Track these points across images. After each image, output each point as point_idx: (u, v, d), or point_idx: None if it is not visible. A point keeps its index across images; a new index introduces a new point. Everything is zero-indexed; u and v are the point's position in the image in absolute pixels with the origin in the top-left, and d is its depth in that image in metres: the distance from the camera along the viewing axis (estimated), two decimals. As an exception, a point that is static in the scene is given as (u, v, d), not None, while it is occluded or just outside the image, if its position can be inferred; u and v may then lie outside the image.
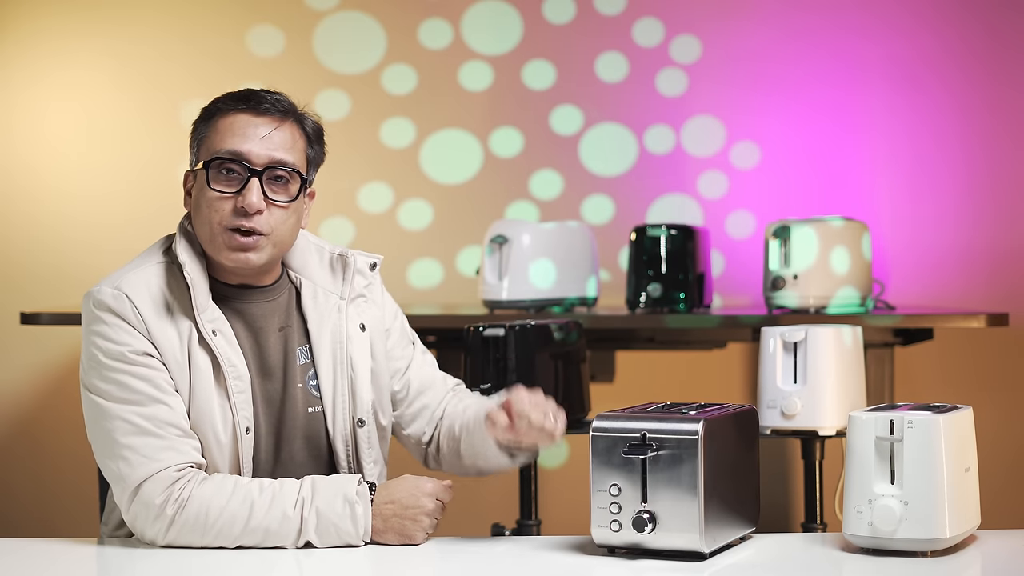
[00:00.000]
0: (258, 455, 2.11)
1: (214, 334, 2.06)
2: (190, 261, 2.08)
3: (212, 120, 2.11)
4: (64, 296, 4.01)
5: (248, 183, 2.06)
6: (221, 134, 2.09)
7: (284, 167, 2.09)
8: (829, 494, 2.82)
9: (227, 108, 2.10)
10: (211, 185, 2.07)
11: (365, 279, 2.24)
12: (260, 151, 2.07)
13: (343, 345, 2.17)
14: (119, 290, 2.04)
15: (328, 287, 2.21)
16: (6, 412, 4.15)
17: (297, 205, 2.12)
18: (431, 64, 4.15)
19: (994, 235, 4.03)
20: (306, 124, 2.16)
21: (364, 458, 2.17)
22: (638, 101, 4.12)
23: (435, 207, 4.15)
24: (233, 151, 2.07)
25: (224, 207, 2.07)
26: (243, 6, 4.16)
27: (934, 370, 4.01)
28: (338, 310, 2.19)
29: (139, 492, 1.99)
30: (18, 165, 4.16)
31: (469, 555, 2.01)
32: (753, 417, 2.05)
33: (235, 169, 2.07)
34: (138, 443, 2.00)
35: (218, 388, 2.06)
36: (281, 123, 2.10)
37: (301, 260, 2.22)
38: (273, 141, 2.08)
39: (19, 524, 4.10)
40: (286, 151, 2.09)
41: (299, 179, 2.11)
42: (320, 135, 2.19)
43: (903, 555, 1.89)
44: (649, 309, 3.50)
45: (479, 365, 2.77)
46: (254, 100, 2.10)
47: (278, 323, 2.16)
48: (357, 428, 2.17)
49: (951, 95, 4.01)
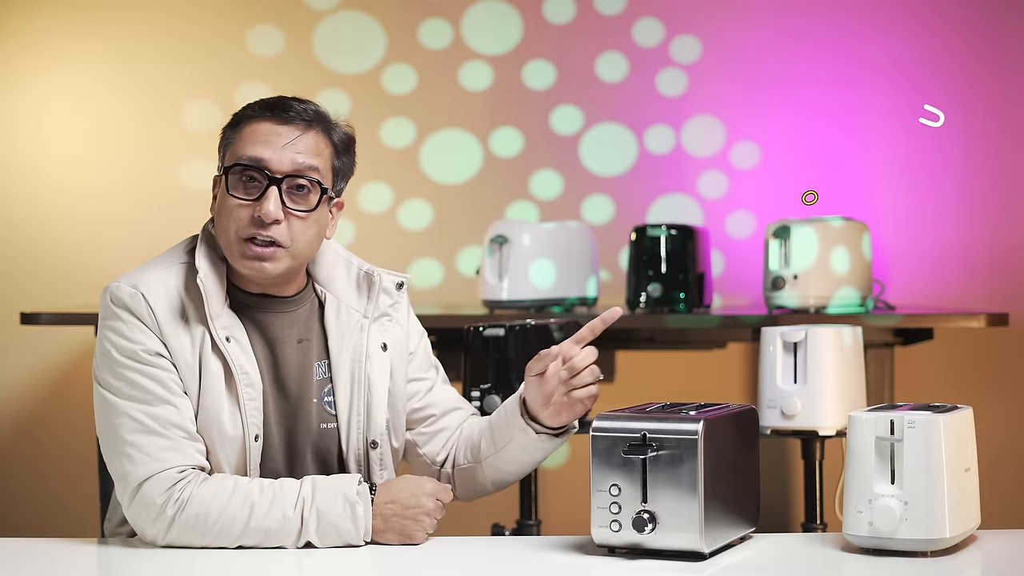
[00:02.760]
0: (269, 466, 2.10)
1: (228, 341, 2.05)
2: (207, 267, 2.07)
3: (239, 126, 2.10)
4: (64, 296, 4.01)
5: (266, 191, 2.04)
6: (244, 140, 2.07)
7: (304, 176, 2.06)
8: (829, 494, 2.82)
9: (254, 115, 2.09)
10: (230, 192, 2.06)
11: (391, 298, 2.21)
12: (280, 159, 2.05)
13: (362, 364, 2.15)
14: (136, 289, 2.04)
15: (352, 304, 2.19)
16: (6, 412, 4.15)
17: (318, 215, 2.09)
18: (431, 64, 4.15)
19: (994, 235, 4.03)
20: (334, 134, 2.13)
21: (376, 479, 2.15)
22: (638, 101, 4.12)
23: (435, 207, 4.15)
24: (253, 157, 2.05)
25: (242, 215, 2.05)
26: (243, 6, 4.16)
27: (934, 370, 4.01)
28: (360, 328, 2.17)
29: (140, 491, 1.99)
30: (18, 165, 4.16)
31: (469, 555, 2.01)
32: (753, 417, 2.05)
33: (255, 176, 2.05)
34: (143, 441, 2.00)
35: (229, 395, 2.05)
36: (306, 131, 2.08)
37: (328, 274, 2.20)
38: (295, 149, 2.06)
39: (19, 524, 4.10)
40: (308, 160, 2.07)
41: (319, 189, 2.08)
42: (350, 146, 2.17)
43: (903, 555, 1.89)
44: (649, 309, 3.50)
45: (479, 365, 2.76)
46: (280, 108, 2.08)
47: (297, 335, 2.15)
48: (370, 449, 2.15)
49: (951, 95, 4.01)
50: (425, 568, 1.98)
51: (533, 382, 2.09)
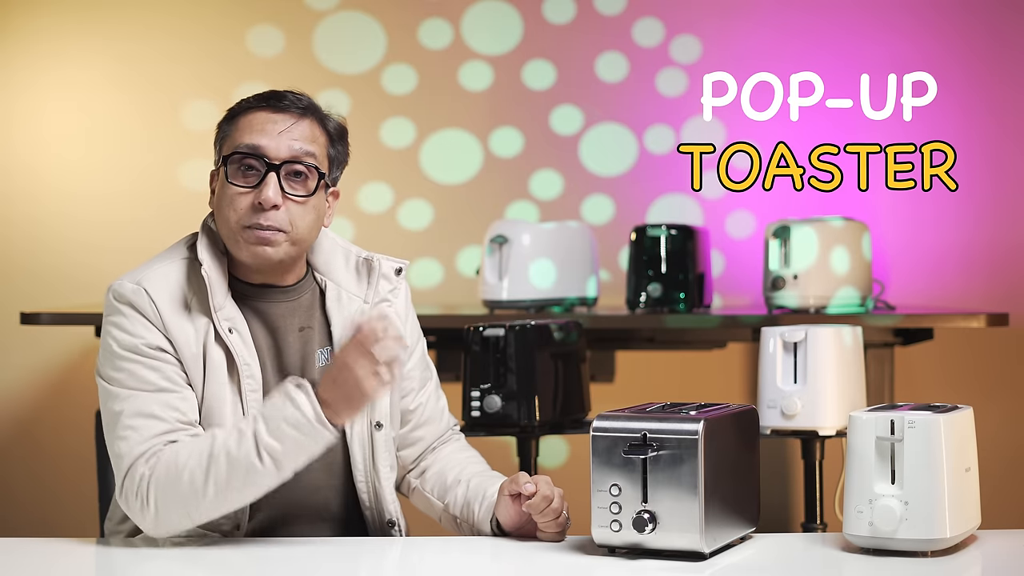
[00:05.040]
0: None
1: (230, 332, 2.07)
2: (209, 259, 2.09)
3: (234, 119, 2.13)
4: (64, 296, 4.01)
5: (265, 178, 2.07)
6: (241, 130, 2.11)
7: (301, 162, 2.09)
8: (829, 494, 2.82)
9: (248, 106, 2.13)
10: (229, 180, 2.09)
11: (390, 284, 2.24)
12: (278, 146, 2.09)
13: None
14: (139, 284, 2.06)
15: (352, 290, 2.21)
16: (6, 412, 4.15)
17: (316, 201, 2.12)
18: (431, 64, 4.15)
19: (994, 235, 4.03)
20: (328, 123, 2.17)
21: (380, 463, 2.16)
22: (638, 101, 4.12)
23: (435, 207, 4.15)
24: (251, 145, 2.08)
25: (242, 203, 2.07)
26: (243, 6, 4.16)
27: (934, 370, 4.01)
28: (361, 314, 2.18)
29: (130, 470, 1.99)
30: (18, 165, 4.16)
31: (469, 555, 2.02)
32: (753, 417, 2.05)
33: (253, 164, 2.08)
34: (139, 423, 2.00)
35: (232, 385, 2.07)
36: (300, 119, 2.12)
37: (327, 261, 2.23)
38: (291, 136, 2.10)
39: (19, 524, 4.10)
40: (304, 146, 2.10)
41: (317, 174, 2.11)
42: (343, 135, 2.20)
43: (903, 555, 1.89)
44: (649, 309, 3.50)
45: (479, 365, 2.77)
46: (275, 98, 2.13)
47: (298, 323, 2.16)
48: (375, 432, 2.16)
49: (951, 95, 4.01)
50: (425, 567, 1.98)
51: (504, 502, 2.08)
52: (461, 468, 2.25)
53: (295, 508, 2.13)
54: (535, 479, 2.03)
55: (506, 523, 2.08)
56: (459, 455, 2.31)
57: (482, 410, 2.76)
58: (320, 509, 2.15)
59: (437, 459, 2.30)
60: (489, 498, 2.13)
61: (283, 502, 2.10)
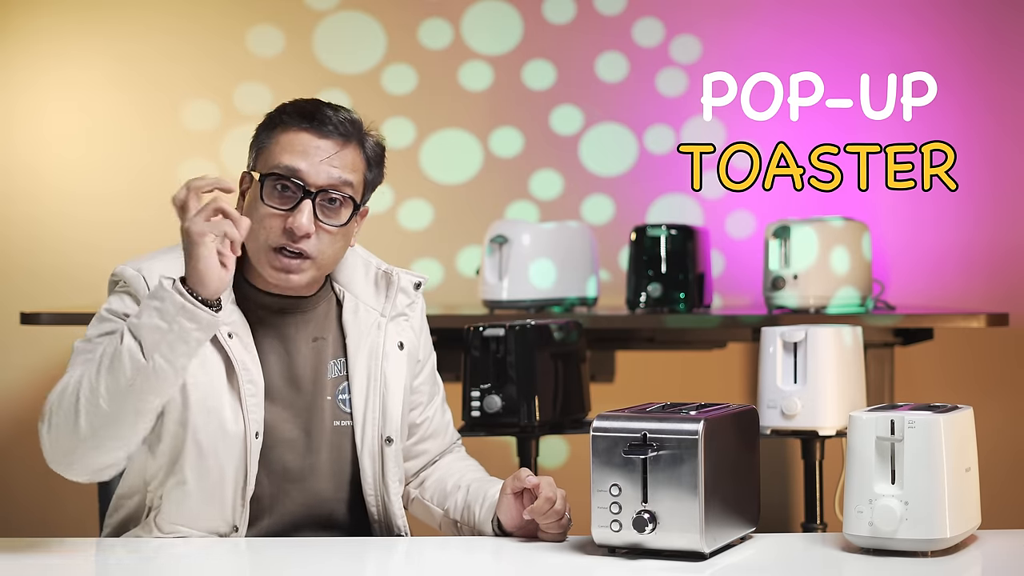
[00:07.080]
0: (281, 463, 2.09)
1: (229, 336, 2.05)
2: None
3: (275, 132, 2.10)
4: (64, 296, 4.01)
5: (300, 204, 2.04)
6: (281, 148, 2.07)
7: (338, 191, 2.07)
8: (829, 494, 2.82)
9: (291, 123, 2.09)
10: (264, 200, 2.06)
11: (408, 298, 2.22)
12: (317, 172, 2.06)
13: (379, 362, 2.16)
14: (139, 272, 2.06)
15: (370, 303, 2.20)
16: (6, 412, 4.15)
17: (347, 229, 2.11)
18: (431, 64, 4.15)
19: (994, 235, 4.03)
20: (367, 146, 2.14)
21: (390, 477, 2.15)
22: (638, 101, 4.12)
23: (435, 207, 4.15)
24: (290, 168, 2.05)
25: (274, 225, 2.05)
26: (243, 6, 4.16)
27: (934, 370, 4.01)
28: (377, 327, 2.18)
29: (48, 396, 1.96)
30: (18, 165, 4.16)
31: (470, 554, 2.02)
32: (753, 417, 2.05)
33: (290, 187, 2.05)
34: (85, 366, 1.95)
35: (230, 389, 2.05)
36: (343, 147, 2.09)
37: (348, 273, 2.21)
38: (332, 164, 2.07)
39: (19, 524, 4.10)
40: (344, 175, 2.08)
41: (352, 205, 2.09)
42: (381, 157, 2.17)
43: (903, 555, 1.89)
44: (649, 309, 3.50)
45: (479, 365, 2.77)
46: (318, 120, 2.08)
47: (312, 334, 2.15)
48: (385, 446, 2.15)
49: (951, 95, 4.01)
50: (425, 567, 1.98)
51: (507, 501, 2.08)
52: (460, 475, 2.25)
53: (301, 518, 2.12)
54: (538, 479, 2.03)
55: (508, 523, 2.08)
56: (458, 464, 2.31)
57: (482, 410, 2.77)
58: (327, 520, 2.14)
59: (436, 469, 2.30)
60: (490, 499, 2.12)
61: (289, 511, 2.10)
